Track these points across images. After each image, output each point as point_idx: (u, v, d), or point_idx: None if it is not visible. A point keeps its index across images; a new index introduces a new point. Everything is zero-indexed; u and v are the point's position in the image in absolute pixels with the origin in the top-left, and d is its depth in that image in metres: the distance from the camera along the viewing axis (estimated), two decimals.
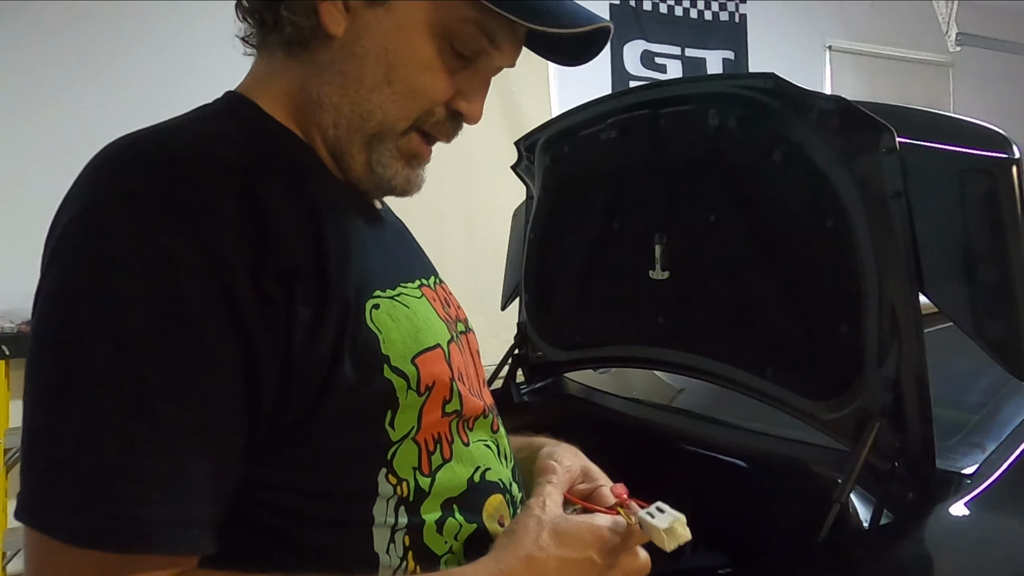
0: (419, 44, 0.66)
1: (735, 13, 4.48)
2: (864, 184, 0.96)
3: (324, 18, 0.66)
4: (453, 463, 0.69)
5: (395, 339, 0.64)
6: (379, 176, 0.70)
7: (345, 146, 0.68)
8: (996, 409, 1.18)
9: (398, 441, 0.64)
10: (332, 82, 0.67)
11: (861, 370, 0.98)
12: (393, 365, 0.63)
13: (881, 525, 0.93)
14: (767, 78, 1.05)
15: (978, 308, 0.90)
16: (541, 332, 1.59)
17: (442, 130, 0.71)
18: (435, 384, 0.67)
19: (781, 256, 1.11)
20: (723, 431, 1.34)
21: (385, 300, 0.66)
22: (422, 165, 0.73)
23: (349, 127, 0.68)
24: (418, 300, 0.71)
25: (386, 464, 0.64)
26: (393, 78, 0.66)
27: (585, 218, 1.44)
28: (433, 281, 0.79)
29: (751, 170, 1.13)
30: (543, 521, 0.65)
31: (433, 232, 3.72)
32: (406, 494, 0.65)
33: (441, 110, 0.69)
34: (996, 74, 5.24)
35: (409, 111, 0.68)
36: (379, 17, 0.66)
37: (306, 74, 0.68)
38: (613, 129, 1.33)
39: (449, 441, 0.69)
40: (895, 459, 0.96)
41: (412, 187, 0.73)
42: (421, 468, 0.66)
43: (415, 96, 0.67)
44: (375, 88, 0.66)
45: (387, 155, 0.69)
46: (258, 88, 0.70)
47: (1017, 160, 0.86)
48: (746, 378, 1.17)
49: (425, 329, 0.69)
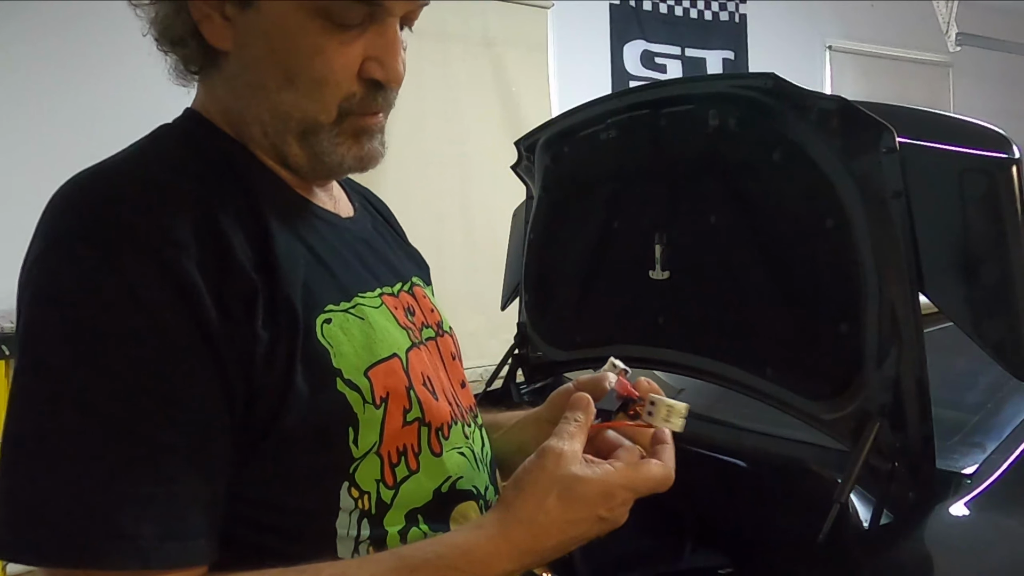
0: (300, 33, 0.63)
1: (735, 13, 4.48)
2: (864, 184, 0.96)
3: (207, 36, 0.65)
4: (420, 475, 0.68)
5: (347, 352, 0.64)
6: (328, 164, 0.68)
7: (283, 148, 0.67)
8: (996, 409, 1.18)
9: (361, 456, 0.64)
10: (244, 95, 0.66)
11: (861, 370, 0.98)
12: (345, 378, 0.63)
13: (881, 525, 0.93)
14: (767, 78, 1.05)
15: (978, 308, 0.90)
16: (541, 332, 1.59)
17: (369, 105, 0.67)
18: (390, 394, 0.67)
19: (781, 256, 1.11)
20: (723, 431, 1.34)
21: (338, 314, 0.66)
22: (376, 136, 0.70)
23: (276, 132, 0.67)
24: (375, 310, 0.71)
25: (348, 478, 0.64)
26: (292, 75, 0.64)
27: (585, 218, 1.44)
28: (400, 287, 0.78)
29: (751, 170, 1.13)
30: (553, 479, 0.62)
31: (432, 232, 3.73)
32: (368, 507, 0.65)
33: (356, 87, 0.66)
34: (996, 74, 5.24)
35: (324, 102, 0.65)
36: (256, 21, 0.64)
37: (224, 91, 0.68)
38: (613, 129, 1.33)
39: (416, 452, 0.68)
40: (895, 459, 0.96)
41: (368, 161, 0.70)
42: (384, 480, 0.66)
43: (320, 85, 0.64)
44: (281, 89, 0.65)
45: (328, 144, 0.67)
46: (206, 108, 0.70)
47: (1017, 160, 0.86)
48: (746, 378, 1.17)
49: (381, 340, 0.68)
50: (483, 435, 0.82)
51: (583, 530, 0.63)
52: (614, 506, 0.63)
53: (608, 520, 0.64)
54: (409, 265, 0.85)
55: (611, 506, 0.63)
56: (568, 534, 0.63)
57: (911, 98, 4.79)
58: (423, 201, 3.44)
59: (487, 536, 0.61)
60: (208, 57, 0.67)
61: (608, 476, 0.63)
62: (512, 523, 0.62)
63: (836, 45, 4.80)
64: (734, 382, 1.20)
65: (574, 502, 0.62)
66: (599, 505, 0.63)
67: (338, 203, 0.78)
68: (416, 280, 0.83)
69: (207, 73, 0.68)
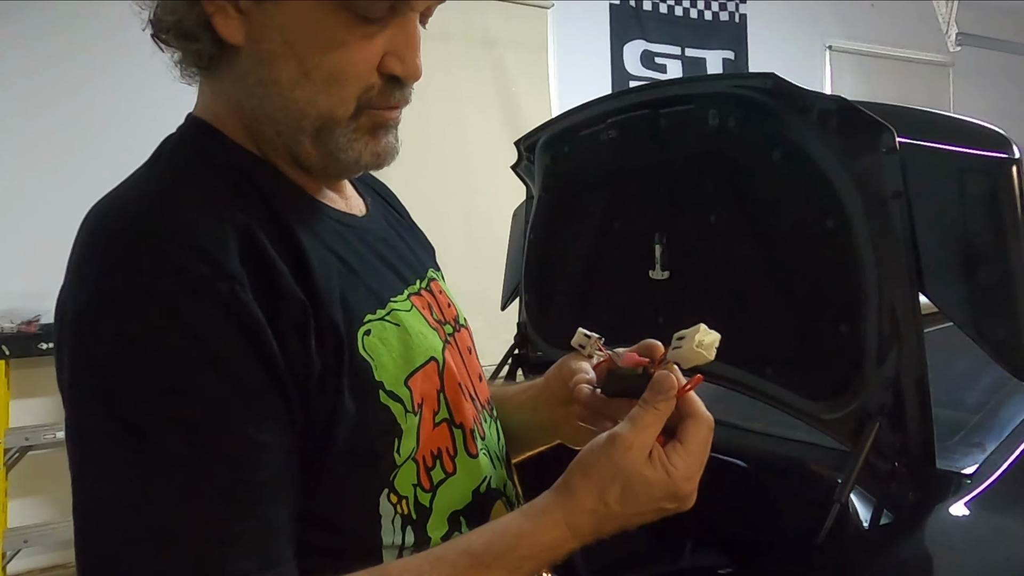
0: (320, 26, 0.61)
1: (735, 13, 4.48)
2: (864, 184, 0.96)
3: (219, 29, 0.62)
4: (457, 477, 0.68)
5: (387, 364, 0.64)
6: (344, 161, 0.66)
7: (296, 148, 0.66)
8: (996, 409, 1.19)
9: (401, 463, 0.64)
10: (255, 93, 0.64)
11: (861, 370, 0.98)
12: (388, 390, 0.63)
13: (881, 525, 0.93)
14: (767, 78, 1.05)
15: (978, 308, 0.90)
16: (541, 332, 1.59)
17: (388, 99, 0.65)
18: (424, 400, 0.67)
19: (781, 256, 1.11)
20: (723, 431, 1.33)
21: (376, 323, 0.65)
22: (391, 131, 0.68)
23: (290, 131, 0.65)
24: (408, 313, 0.70)
25: (388, 485, 0.64)
26: (308, 69, 0.62)
27: (585, 218, 1.44)
28: (419, 285, 0.77)
29: (751, 170, 1.13)
30: (618, 471, 0.62)
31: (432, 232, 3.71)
32: (407, 511, 0.64)
33: (375, 80, 0.64)
34: (996, 74, 5.24)
35: (342, 97, 0.63)
36: (272, 13, 0.61)
37: (234, 90, 0.65)
38: (613, 129, 1.33)
39: (451, 455, 0.68)
40: (895, 459, 0.96)
41: (384, 158, 0.68)
42: (421, 484, 0.66)
43: (338, 80, 0.62)
44: (296, 85, 0.62)
45: (344, 141, 0.65)
46: (211, 111, 0.68)
47: (1017, 160, 0.86)
48: (746, 378, 1.17)
49: (418, 345, 0.68)
50: (498, 429, 0.81)
51: (647, 519, 0.63)
52: (680, 499, 0.63)
53: (672, 511, 0.64)
54: (424, 256, 0.84)
55: (675, 499, 0.63)
56: (631, 523, 0.63)
57: (911, 98, 4.79)
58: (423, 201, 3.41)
59: (554, 523, 0.62)
60: (219, 53, 0.64)
61: (673, 476, 0.62)
62: (576, 511, 0.62)
63: (836, 45, 4.80)
64: (734, 382, 1.20)
65: (637, 499, 0.62)
66: (664, 501, 0.62)
67: (350, 201, 0.75)
68: (432, 273, 0.82)
69: (216, 70, 0.66)
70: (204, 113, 0.68)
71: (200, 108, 0.69)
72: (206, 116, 0.68)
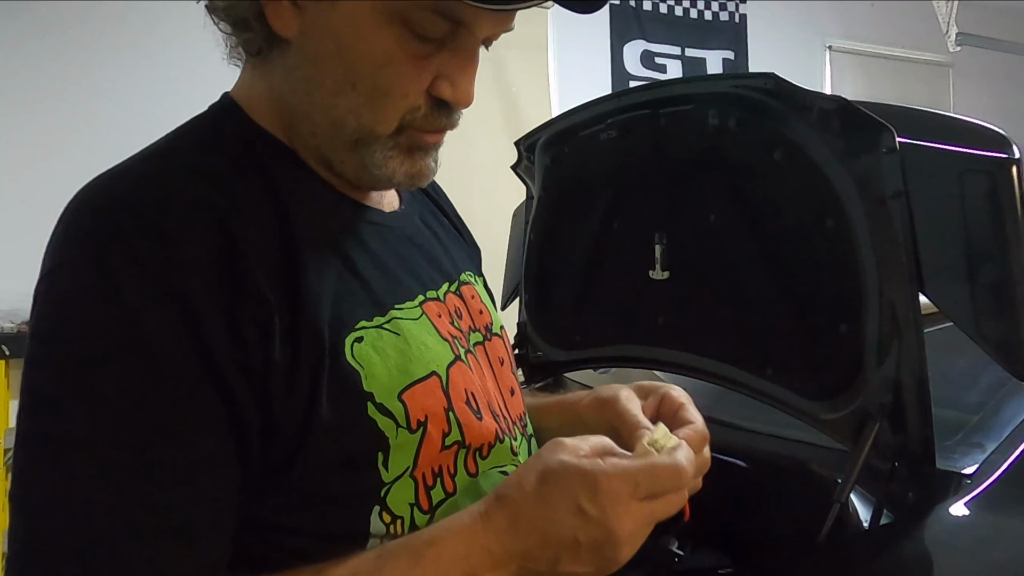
0: (374, 37, 0.58)
1: (735, 13, 4.48)
2: (864, 184, 0.96)
3: (272, 20, 0.60)
4: (457, 497, 0.64)
5: (379, 374, 0.60)
6: (377, 177, 0.64)
7: (331, 154, 0.64)
8: (996, 409, 1.18)
9: (392, 480, 0.61)
10: (298, 90, 0.62)
11: (861, 370, 0.98)
12: (378, 402, 0.59)
13: (881, 525, 0.93)
14: (767, 78, 1.05)
15: (978, 308, 0.90)
16: (541, 332, 1.59)
17: (433, 123, 0.63)
18: (429, 418, 0.62)
19: (781, 256, 1.11)
20: (723, 431, 1.33)
21: (371, 330, 0.62)
22: (431, 154, 0.66)
23: (327, 136, 0.63)
24: (414, 323, 0.66)
25: (379, 502, 0.60)
26: (355, 79, 0.59)
27: (585, 218, 1.44)
28: (447, 288, 0.73)
29: (751, 170, 1.13)
30: (539, 460, 0.57)
31: None
32: (400, 532, 0.61)
33: (422, 101, 0.61)
34: (996, 74, 5.24)
35: (386, 114, 0.61)
36: (328, 14, 0.59)
37: (279, 80, 0.63)
38: (613, 129, 1.33)
39: (452, 474, 0.64)
40: (895, 459, 0.96)
41: (419, 179, 0.65)
42: (419, 504, 0.62)
43: (384, 96, 0.60)
44: (340, 92, 0.60)
45: (380, 156, 0.63)
46: (246, 93, 0.66)
47: (1017, 160, 0.86)
48: (746, 378, 1.17)
49: (418, 357, 0.64)
50: (531, 447, 0.77)
51: (565, 529, 0.54)
52: (601, 500, 0.53)
53: (595, 521, 0.53)
54: (460, 257, 0.80)
55: (595, 498, 0.53)
56: (546, 530, 0.54)
57: (911, 98, 4.79)
58: None
59: (470, 513, 0.57)
60: (269, 43, 0.62)
61: (594, 463, 0.55)
62: (492, 500, 0.57)
63: (836, 45, 4.79)
64: (734, 382, 1.20)
65: (551, 485, 0.54)
66: (578, 494, 0.53)
67: (384, 196, 0.73)
68: (466, 277, 0.78)
69: (266, 58, 0.63)
70: (239, 93, 0.67)
71: (236, 88, 0.67)
72: (239, 96, 0.67)
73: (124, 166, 0.60)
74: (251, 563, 0.57)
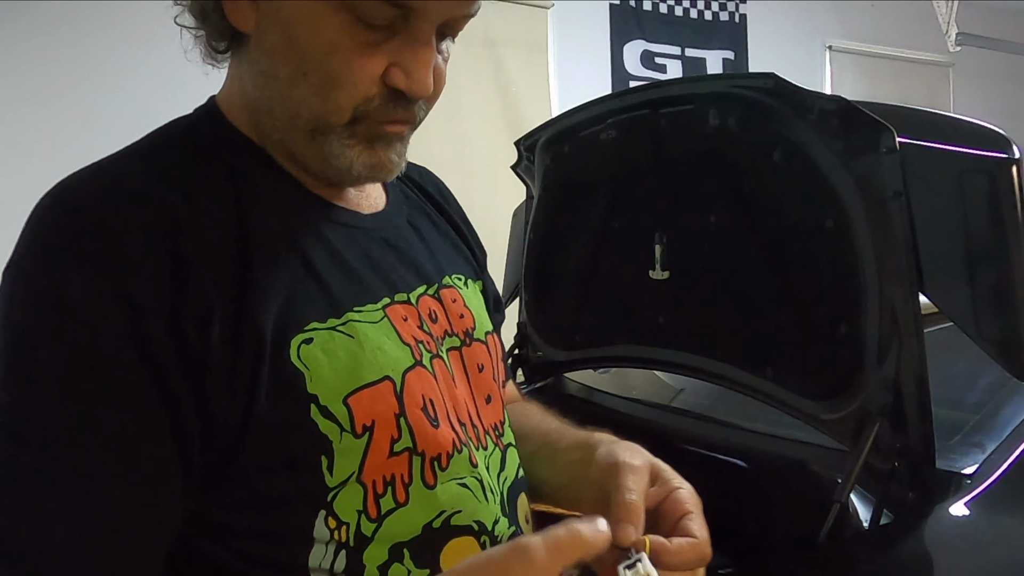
0: (321, 26, 0.58)
1: (735, 13, 4.48)
2: (864, 184, 0.96)
3: (228, 15, 0.61)
4: (409, 508, 0.62)
5: (326, 376, 0.59)
6: (336, 168, 0.63)
7: (292, 147, 0.64)
8: (996, 409, 1.18)
9: (338, 485, 0.59)
10: (259, 84, 0.62)
11: (861, 370, 0.98)
12: (321, 405, 0.58)
13: (881, 525, 0.93)
14: (767, 78, 1.05)
15: (978, 308, 0.90)
16: (541, 332, 1.59)
17: (389, 114, 0.61)
18: (375, 423, 0.60)
19: (781, 256, 1.11)
20: (723, 431, 1.34)
21: (322, 332, 0.60)
22: (393, 146, 0.64)
23: (286, 128, 0.62)
24: (373, 326, 0.64)
25: (325, 507, 0.59)
26: (306, 69, 0.59)
27: (585, 218, 1.44)
28: (423, 291, 0.71)
29: (751, 170, 1.13)
30: None
31: None
32: (345, 539, 0.59)
33: (375, 91, 0.60)
34: (996, 74, 5.24)
35: (338, 103, 0.60)
36: (278, 5, 0.59)
37: (247, 77, 0.64)
38: (613, 129, 1.33)
39: (405, 483, 0.62)
40: (895, 459, 0.96)
41: (380, 171, 0.64)
42: (367, 512, 0.60)
43: (334, 85, 0.59)
44: (293, 84, 0.60)
45: (337, 146, 0.62)
46: (225, 94, 0.67)
47: (1017, 160, 0.86)
48: (746, 378, 1.17)
49: (371, 361, 0.62)
50: (505, 458, 0.73)
51: None
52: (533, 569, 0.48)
53: None
54: (451, 261, 0.78)
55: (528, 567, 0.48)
56: None
57: (911, 98, 4.79)
58: None
59: None
60: (230, 38, 0.63)
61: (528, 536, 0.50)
62: None
63: (836, 45, 4.79)
64: (734, 382, 1.20)
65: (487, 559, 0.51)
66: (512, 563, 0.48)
67: (366, 197, 0.72)
68: (451, 280, 0.76)
69: (234, 55, 0.64)
70: (221, 95, 0.68)
71: (220, 90, 0.68)
72: (220, 98, 0.67)
73: (96, 165, 0.61)
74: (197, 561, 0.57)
